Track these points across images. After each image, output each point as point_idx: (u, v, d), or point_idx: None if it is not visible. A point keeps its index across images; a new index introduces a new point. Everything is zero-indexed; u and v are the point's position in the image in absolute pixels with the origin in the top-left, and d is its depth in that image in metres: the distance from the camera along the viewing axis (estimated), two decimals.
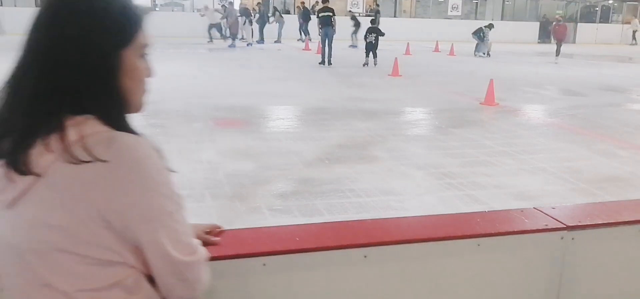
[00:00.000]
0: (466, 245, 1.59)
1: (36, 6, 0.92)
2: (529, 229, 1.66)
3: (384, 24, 21.53)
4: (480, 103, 9.67)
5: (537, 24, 29.57)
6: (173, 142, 6.40)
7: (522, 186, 5.17)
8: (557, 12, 22.26)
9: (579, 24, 29.82)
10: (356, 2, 28.14)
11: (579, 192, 5.07)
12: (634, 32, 28.72)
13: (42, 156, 0.96)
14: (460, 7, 29.83)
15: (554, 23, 19.60)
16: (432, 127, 8.19)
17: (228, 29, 22.03)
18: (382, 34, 15.39)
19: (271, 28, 22.67)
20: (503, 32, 26.28)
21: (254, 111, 8.57)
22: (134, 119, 1.13)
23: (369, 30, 15.37)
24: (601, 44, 28.69)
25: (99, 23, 0.99)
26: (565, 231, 1.68)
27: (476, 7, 31.44)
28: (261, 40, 22.10)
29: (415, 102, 10.19)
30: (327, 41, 14.98)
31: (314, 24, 22.47)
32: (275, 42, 22.36)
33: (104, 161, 0.96)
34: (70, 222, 0.97)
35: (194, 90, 10.41)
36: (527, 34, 28.86)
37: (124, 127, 1.03)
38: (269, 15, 23.57)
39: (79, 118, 0.98)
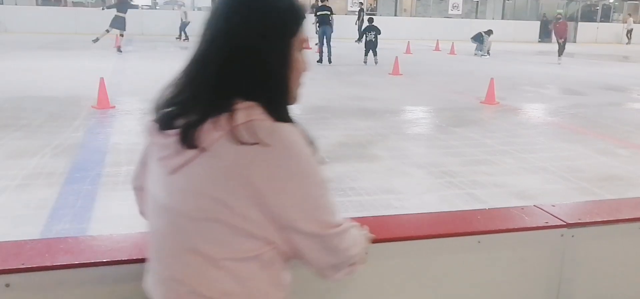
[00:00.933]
0: (467, 242, 1.60)
1: (37, 5, 0.92)
2: (529, 226, 1.67)
3: (384, 22, 21.55)
4: (480, 102, 9.67)
5: (538, 23, 29.54)
6: None
7: (523, 185, 5.18)
8: (558, 11, 22.20)
9: (579, 23, 29.79)
10: (356, 1, 28.13)
11: (579, 191, 5.08)
12: (629, 31, 28.65)
13: (210, 133, 1.04)
14: (460, 6, 29.81)
15: (553, 21, 19.21)
16: (432, 126, 8.20)
17: None
18: (379, 32, 15.37)
19: None
20: (504, 31, 26.29)
21: None
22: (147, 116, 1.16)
23: (368, 29, 15.38)
24: (603, 44, 28.69)
25: (270, 13, 1.08)
26: (565, 229, 1.68)
27: (477, 6, 31.41)
28: None
29: (416, 101, 10.20)
30: (325, 39, 14.98)
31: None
32: None
33: (266, 146, 1.03)
34: (228, 196, 1.05)
35: None
36: (527, 33, 28.84)
37: (284, 115, 1.11)
38: None
39: (248, 103, 1.06)
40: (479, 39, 19.69)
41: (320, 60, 14.96)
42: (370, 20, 16.08)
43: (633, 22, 28.73)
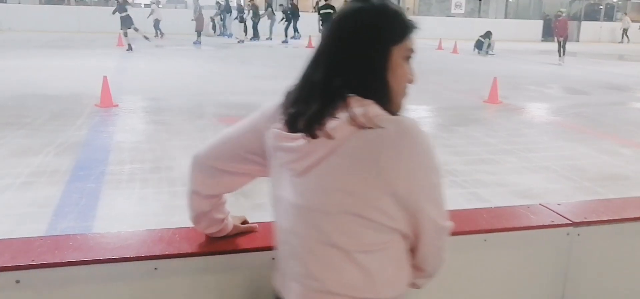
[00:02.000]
0: (472, 240, 1.60)
1: (40, 4, 0.93)
2: (535, 225, 1.67)
3: None
4: (483, 101, 9.66)
5: (541, 22, 29.47)
6: (177, 139, 6.42)
7: (526, 184, 5.17)
8: (561, 10, 22.13)
9: (582, 22, 29.73)
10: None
11: (582, 191, 5.07)
12: (625, 30, 28.51)
13: (333, 123, 1.10)
14: (463, 5, 29.78)
15: (554, 19, 18.82)
16: (435, 125, 8.19)
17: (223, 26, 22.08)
18: None
19: (262, 25, 22.49)
20: (506, 30, 26.25)
21: (257, 107, 8.55)
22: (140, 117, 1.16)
23: None
24: (606, 43, 28.62)
25: (377, 22, 1.16)
26: (571, 227, 1.69)
27: (479, 5, 31.37)
28: (255, 37, 22.00)
29: (419, 100, 10.18)
30: None
31: (302, 21, 22.53)
32: (266, 39, 22.18)
33: (390, 133, 1.09)
34: (361, 188, 1.10)
35: (197, 87, 10.43)
36: (530, 32, 28.78)
37: (394, 114, 1.16)
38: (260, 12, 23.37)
39: (361, 100, 1.12)
40: (479, 45, 19.73)
41: None
42: None
43: (630, 21, 28.57)
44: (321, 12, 15.74)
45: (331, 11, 15.51)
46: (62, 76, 11.13)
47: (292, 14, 23.00)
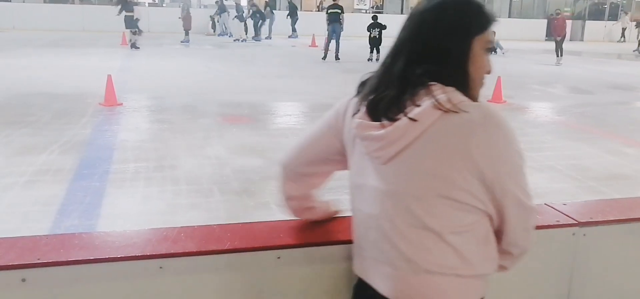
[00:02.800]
0: None
1: (45, 2, 0.93)
2: (540, 224, 1.67)
3: (391, 20, 21.49)
4: (487, 100, 9.61)
5: (545, 21, 29.38)
6: (180, 137, 6.42)
7: (530, 183, 5.14)
8: (559, 9, 21.99)
9: (587, 21, 29.64)
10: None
11: (586, 190, 5.06)
12: (624, 29, 28.32)
13: (416, 110, 1.15)
14: None
15: (552, 17, 18.40)
16: None
17: (224, 25, 22.07)
18: (384, 28, 15.42)
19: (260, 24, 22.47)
20: (510, 29, 26.18)
21: (260, 107, 8.58)
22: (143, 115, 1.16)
23: (372, 26, 15.46)
24: (610, 42, 28.52)
25: (458, 13, 1.20)
26: (577, 227, 1.68)
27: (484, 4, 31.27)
28: (257, 36, 21.98)
29: None
30: (334, 37, 15.23)
31: (300, 21, 22.52)
32: (265, 38, 22.13)
33: (475, 118, 1.14)
34: (450, 171, 1.14)
35: (200, 86, 10.43)
36: (534, 31, 28.68)
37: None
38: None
39: (444, 87, 1.17)
40: None
41: (324, 58, 15.09)
42: (374, 17, 16.10)
43: (629, 21, 28.40)
44: (329, 11, 15.79)
45: (338, 11, 15.51)
46: (67, 75, 11.15)
47: (290, 13, 22.98)
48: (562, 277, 1.71)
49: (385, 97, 1.19)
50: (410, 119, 1.15)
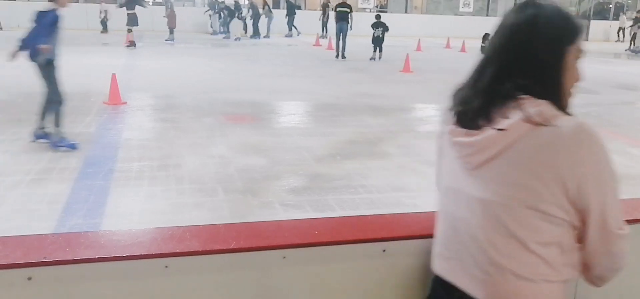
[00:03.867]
0: None
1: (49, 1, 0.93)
2: None
3: (395, 20, 21.48)
4: None
5: None
6: (184, 137, 6.43)
7: None
8: (570, 8, 21.96)
9: (591, 21, 29.53)
10: None
11: None
12: (622, 29, 28.13)
13: (502, 121, 1.18)
14: (471, 3, 29.65)
15: None
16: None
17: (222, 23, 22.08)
18: (387, 29, 15.55)
19: (260, 23, 22.44)
20: None
21: (264, 106, 8.58)
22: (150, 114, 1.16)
23: (376, 25, 15.60)
24: (615, 42, 28.41)
25: (551, 23, 1.21)
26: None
27: (488, 3, 31.23)
28: (255, 35, 21.98)
29: (427, 98, 10.17)
30: (341, 35, 15.50)
31: (305, 20, 22.52)
32: (264, 37, 22.11)
33: (566, 133, 1.14)
34: (537, 184, 1.16)
35: (204, 85, 10.44)
36: None
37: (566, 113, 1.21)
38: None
39: (535, 100, 1.18)
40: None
41: (337, 56, 15.48)
42: (378, 17, 16.18)
43: (627, 20, 28.20)
44: (337, 10, 16.00)
45: (347, 10, 15.73)
46: (71, 73, 11.12)
47: (288, 12, 22.96)
48: None
49: (473, 107, 1.22)
50: (499, 129, 1.17)
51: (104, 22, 21.62)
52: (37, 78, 5.80)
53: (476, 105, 1.22)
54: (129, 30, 16.68)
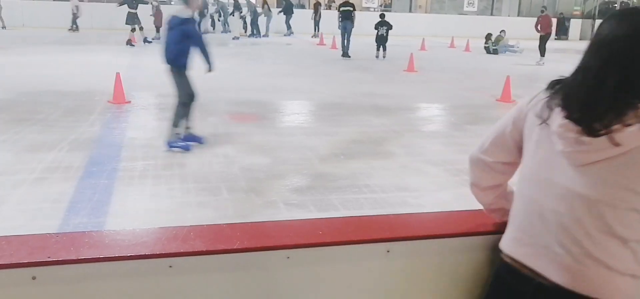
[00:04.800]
0: (489, 241, 1.59)
1: (54, 0, 0.92)
2: None
3: (399, 19, 21.45)
4: (496, 100, 9.61)
5: (555, 20, 29.22)
6: None
7: None
8: (575, 8, 21.81)
9: (596, 20, 29.42)
10: None
11: None
12: None
13: (621, 131, 1.20)
14: (476, 3, 29.59)
15: (538, 16, 17.92)
16: (447, 123, 8.16)
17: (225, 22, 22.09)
18: (391, 27, 15.65)
19: (259, 22, 22.39)
20: (519, 28, 26.06)
21: (268, 105, 8.59)
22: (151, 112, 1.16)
23: (380, 24, 15.72)
24: None
25: None
26: None
27: (492, 3, 31.17)
28: (253, 34, 21.92)
29: (431, 98, 10.15)
30: (346, 34, 15.68)
31: (296, 17, 22.54)
32: (263, 36, 22.13)
33: None
34: None
35: (207, 84, 10.40)
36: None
37: None
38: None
39: None
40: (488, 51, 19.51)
41: (342, 55, 15.63)
42: (382, 16, 16.26)
43: None
44: (341, 9, 16.19)
45: (350, 9, 15.87)
46: (76, 72, 11.21)
47: (285, 10, 22.94)
48: None
49: (596, 112, 1.22)
50: (613, 139, 1.20)
51: (74, 20, 20.83)
52: (169, 81, 5.99)
53: (599, 110, 1.22)
54: (133, 30, 16.69)
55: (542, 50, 16.35)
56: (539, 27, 16.64)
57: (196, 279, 1.39)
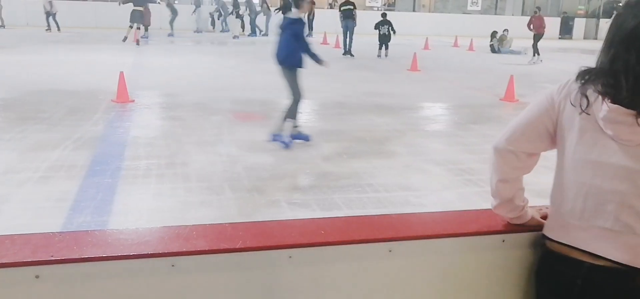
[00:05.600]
0: (490, 241, 1.59)
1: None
2: None
3: (402, 18, 21.43)
4: (500, 99, 9.58)
5: (559, 19, 29.16)
6: (192, 134, 6.45)
7: (543, 184, 5.07)
8: (579, 7, 21.72)
9: (601, 19, 29.34)
10: None
11: None
12: None
13: None
14: (479, 2, 29.54)
15: (532, 15, 17.79)
16: (451, 123, 8.14)
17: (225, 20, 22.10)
18: (394, 30, 15.79)
19: (258, 20, 22.34)
20: (523, 27, 25.98)
21: (271, 104, 8.58)
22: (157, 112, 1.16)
23: (382, 23, 15.88)
24: None
25: None
26: None
27: (496, 2, 31.10)
28: (253, 33, 21.88)
29: (434, 97, 10.14)
30: (348, 33, 15.84)
31: (320, 17, 22.50)
32: (262, 34, 22.09)
33: None
34: None
35: (212, 83, 10.47)
36: (548, 29, 28.33)
37: None
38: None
39: None
40: (493, 49, 19.44)
41: (344, 53, 15.77)
42: (384, 15, 16.36)
43: None
44: (342, 8, 16.35)
45: (351, 7, 16.03)
46: (80, 71, 11.23)
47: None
48: None
49: (635, 97, 1.29)
50: None
51: (48, 17, 20.31)
52: (281, 80, 6.32)
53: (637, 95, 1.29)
54: (138, 28, 16.70)
55: (535, 49, 16.36)
56: (531, 27, 16.68)
57: (199, 278, 1.39)
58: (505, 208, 1.60)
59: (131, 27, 16.58)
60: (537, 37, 16.46)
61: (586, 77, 1.39)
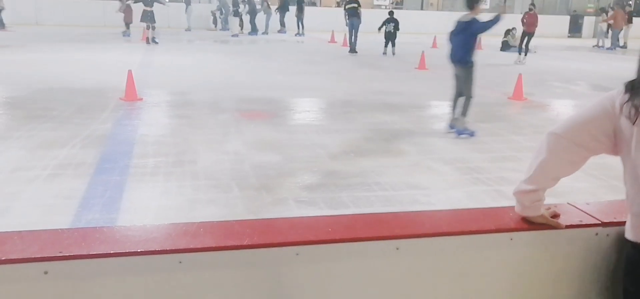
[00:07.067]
0: (499, 239, 1.58)
1: None
2: (563, 224, 1.64)
3: (411, 17, 21.37)
4: (508, 98, 9.53)
5: (568, 17, 28.96)
6: (200, 133, 6.46)
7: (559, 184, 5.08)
8: (588, 5, 21.52)
9: None
10: None
11: (608, 189, 4.97)
12: (610, 25, 27.17)
13: None
14: (488, 0, 29.40)
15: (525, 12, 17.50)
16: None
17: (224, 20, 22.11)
18: (398, 28, 15.80)
19: (259, 18, 22.29)
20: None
21: (278, 103, 8.60)
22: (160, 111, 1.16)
23: (388, 20, 15.90)
24: (634, 39, 27.96)
25: None
26: (600, 227, 1.65)
27: (505, 0, 30.90)
28: (253, 31, 21.89)
29: (442, 95, 10.08)
30: (353, 31, 15.93)
31: (290, 15, 22.48)
32: (262, 33, 22.06)
33: None
34: None
35: (219, 81, 10.49)
36: (557, 28, 28.24)
37: None
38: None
39: None
40: (505, 47, 19.28)
41: (351, 51, 15.83)
42: (391, 13, 16.38)
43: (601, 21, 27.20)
44: (347, 7, 16.40)
45: (356, 5, 16.04)
46: (88, 70, 11.29)
47: (280, 8, 22.89)
48: (584, 277, 1.68)
49: None
50: None
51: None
52: (454, 78, 6.90)
53: None
54: (148, 27, 16.76)
55: (525, 48, 15.90)
56: (524, 22, 16.45)
57: (206, 275, 1.39)
58: (526, 188, 1.60)
59: (148, 27, 16.67)
60: (529, 35, 15.98)
61: (631, 88, 1.45)
